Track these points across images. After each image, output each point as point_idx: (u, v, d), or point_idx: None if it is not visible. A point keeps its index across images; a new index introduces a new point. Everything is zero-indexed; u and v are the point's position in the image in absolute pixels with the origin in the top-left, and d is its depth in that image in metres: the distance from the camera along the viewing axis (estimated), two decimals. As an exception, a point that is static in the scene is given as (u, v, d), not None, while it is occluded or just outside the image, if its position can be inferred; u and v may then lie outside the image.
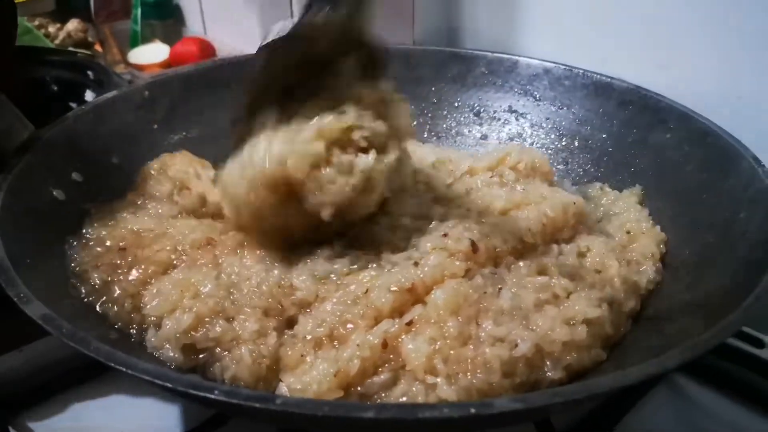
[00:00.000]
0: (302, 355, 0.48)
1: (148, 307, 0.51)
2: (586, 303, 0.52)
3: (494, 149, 0.76)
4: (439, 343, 0.47)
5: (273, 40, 0.56)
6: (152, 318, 0.50)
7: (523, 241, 0.58)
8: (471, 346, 0.47)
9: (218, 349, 0.48)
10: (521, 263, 0.56)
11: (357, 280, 0.52)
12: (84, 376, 0.61)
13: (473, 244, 0.55)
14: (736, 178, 0.60)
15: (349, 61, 0.56)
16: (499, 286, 0.53)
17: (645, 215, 0.67)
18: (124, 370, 0.36)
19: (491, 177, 0.68)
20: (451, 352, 0.47)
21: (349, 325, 0.49)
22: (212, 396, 0.33)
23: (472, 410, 0.32)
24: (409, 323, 0.49)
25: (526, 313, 0.51)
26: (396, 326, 0.49)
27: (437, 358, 0.46)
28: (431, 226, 0.59)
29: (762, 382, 0.60)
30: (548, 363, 0.49)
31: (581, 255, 0.59)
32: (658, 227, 0.65)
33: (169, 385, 0.34)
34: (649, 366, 0.36)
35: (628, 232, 0.65)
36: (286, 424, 0.44)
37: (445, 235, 0.56)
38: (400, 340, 0.48)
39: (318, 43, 0.54)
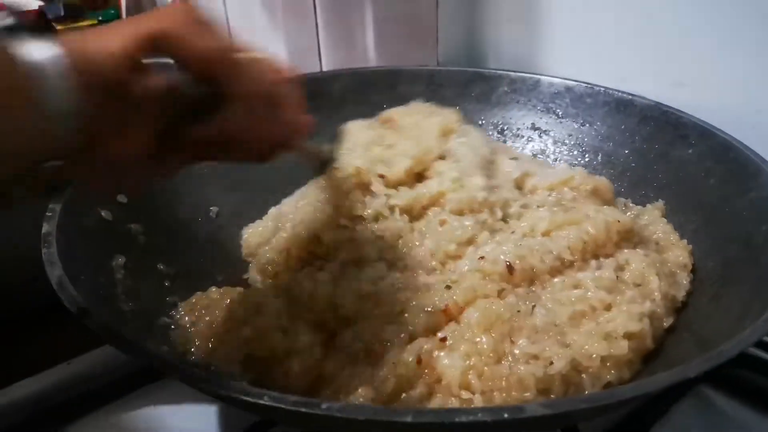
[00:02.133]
0: (339, 369, 0.50)
1: (216, 325, 0.54)
2: (626, 317, 0.53)
3: (561, 169, 0.77)
4: (473, 359, 0.48)
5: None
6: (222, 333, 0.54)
7: (561, 258, 0.59)
8: (505, 364, 0.48)
9: (272, 361, 0.51)
10: (556, 279, 0.57)
11: (393, 300, 0.55)
12: (127, 388, 0.64)
13: (509, 266, 0.56)
14: (757, 191, 0.61)
15: None
16: (533, 304, 0.54)
17: (671, 228, 0.68)
18: (178, 377, 0.38)
19: (549, 196, 0.69)
20: (486, 368, 0.48)
21: (387, 343, 0.51)
22: (262, 402, 0.35)
23: (505, 415, 0.34)
24: (443, 339, 0.50)
25: (562, 329, 0.52)
26: (430, 343, 0.50)
27: (472, 374, 0.47)
28: (469, 249, 0.61)
29: (788, 392, 0.60)
30: (586, 380, 0.49)
31: (620, 269, 0.59)
32: (684, 240, 0.66)
33: (222, 392, 0.37)
34: (670, 374, 0.37)
35: (657, 243, 0.66)
36: (328, 429, 0.46)
37: (481, 257, 0.57)
38: (434, 355, 0.50)
39: None
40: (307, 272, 0.61)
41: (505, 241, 0.61)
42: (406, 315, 0.52)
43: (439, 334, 0.51)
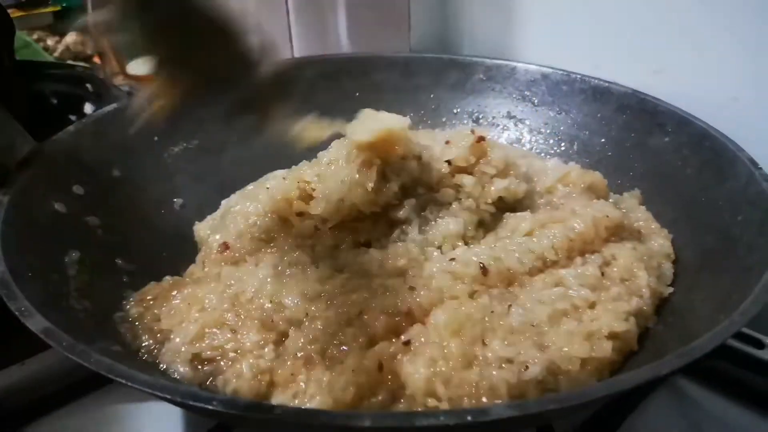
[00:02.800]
0: (292, 374, 0.47)
1: (161, 321, 0.52)
2: (612, 315, 0.50)
3: (554, 166, 0.73)
4: (440, 364, 0.45)
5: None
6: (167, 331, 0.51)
7: (543, 258, 0.56)
8: (476, 369, 0.45)
9: (222, 362, 0.48)
10: (536, 278, 0.54)
11: (350, 300, 0.51)
12: (87, 388, 0.62)
13: (483, 267, 0.53)
14: (734, 181, 0.60)
15: None
16: (509, 304, 0.51)
17: (650, 215, 0.67)
18: (124, 382, 0.36)
19: (540, 199, 0.66)
20: (453, 374, 0.45)
21: (343, 347, 0.48)
22: (210, 407, 0.33)
23: (469, 417, 0.32)
24: (407, 343, 0.47)
25: (540, 329, 0.49)
26: (393, 347, 0.47)
27: (438, 381, 0.44)
28: (435, 253, 0.58)
29: (762, 382, 0.60)
30: (563, 384, 0.46)
31: (606, 264, 0.57)
32: (666, 230, 0.65)
33: (168, 396, 0.34)
34: (643, 372, 0.36)
35: (639, 232, 0.64)
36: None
37: (452, 259, 0.54)
38: (397, 360, 0.47)
39: None
40: (250, 268, 0.58)
41: (481, 242, 0.58)
42: (365, 317, 0.49)
43: (403, 337, 0.48)
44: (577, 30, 0.86)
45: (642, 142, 0.73)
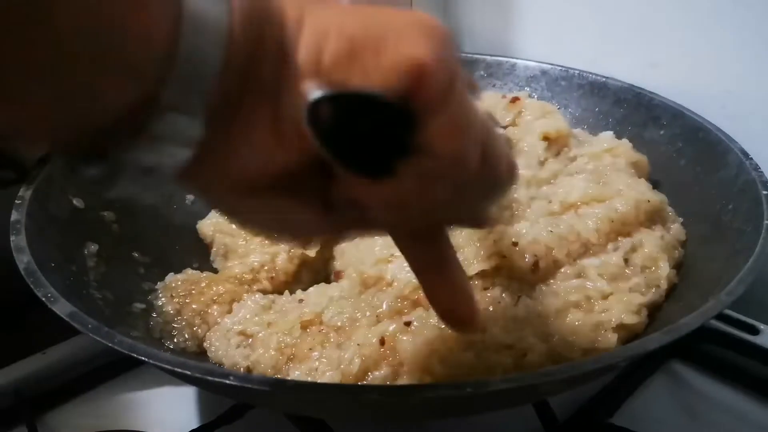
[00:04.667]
0: (310, 349, 0.49)
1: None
2: (623, 307, 0.50)
3: (606, 138, 0.73)
4: (437, 344, 0.46)
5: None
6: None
7: (587, 242, 0.55)
8: (473, 352, 0.47)
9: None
10: (561, 270, 0.54)
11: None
12: (104, 377, 0.64)
13: (536, 263, 0.52)
14: (726, 171, 0.62)
15: None
16: (519, 295, 0.51)
17: (664, 197, 0.65)
18: (144, 359, 0.38)
19: (587, 164, 0.66)
20: (450, 354, 0.46)
21: (357, 323, 0.50)
22: (227, 381, 0.36)
23: (468, 389, 0.34)
24: (408, 323, 0.48)
25: (545, 320, 0.49)
26: (394, 326, 0.49)
27: (434, 360, 0.46)
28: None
29: (757, 367, 0.62)
30: None
31: (633, 250, 0.56)
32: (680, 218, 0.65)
33: (188, 372, 0.37)
34: (630, 347, 0.38)
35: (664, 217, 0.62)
36: (297, 409, 0.46)
37: (515, 243, 0.53)
38: (397, 338, 0.48)
39: None
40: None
41: (538, 220, 0.56)
42: (375, 299, 0.51)
43: (405, 318, 0.49)
44: (575, 26, 0.88)
45: (638, 135, 0.75)
